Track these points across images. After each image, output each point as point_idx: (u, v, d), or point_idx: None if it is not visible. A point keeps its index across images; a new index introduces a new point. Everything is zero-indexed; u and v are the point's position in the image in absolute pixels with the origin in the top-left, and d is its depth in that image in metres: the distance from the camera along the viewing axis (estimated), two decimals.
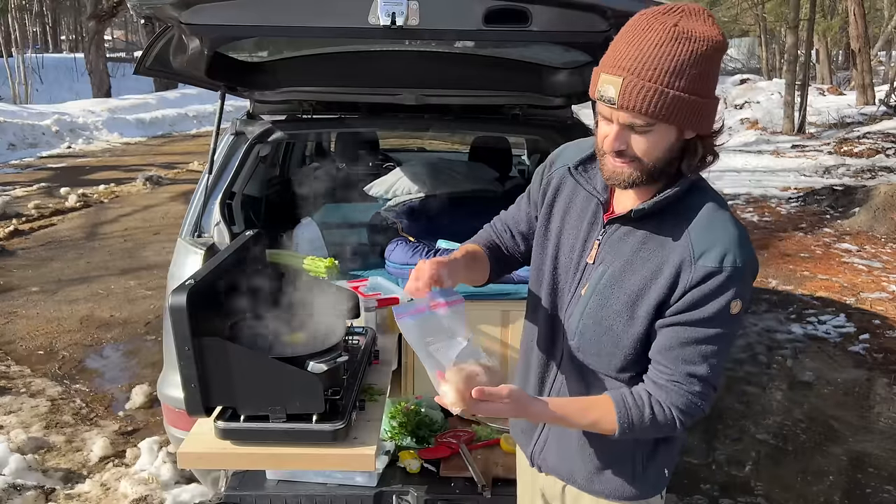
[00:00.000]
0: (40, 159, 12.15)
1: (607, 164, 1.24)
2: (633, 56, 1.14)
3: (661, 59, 1.12)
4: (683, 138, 1.21)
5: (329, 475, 2.06)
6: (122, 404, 3.81)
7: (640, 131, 1.18)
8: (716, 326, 1.23)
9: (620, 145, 1.20)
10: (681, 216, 1.26)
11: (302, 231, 2.93)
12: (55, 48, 36.12)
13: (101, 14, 18.46)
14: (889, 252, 6.80)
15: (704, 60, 1.14)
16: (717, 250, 1.21)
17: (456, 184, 3.29)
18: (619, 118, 1.18)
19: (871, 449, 3.45)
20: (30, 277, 5.90)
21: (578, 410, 1.30)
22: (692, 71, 1.13)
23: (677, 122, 1.17)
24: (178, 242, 2.54)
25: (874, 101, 16.10)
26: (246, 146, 2.76)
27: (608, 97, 1.16)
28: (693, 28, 1.13)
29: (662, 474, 1.44)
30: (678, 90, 1.13)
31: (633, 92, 1.13)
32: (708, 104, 1.18)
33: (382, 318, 2.33)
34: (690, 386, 1.26)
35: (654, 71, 1.12)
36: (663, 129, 1.18)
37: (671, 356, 1.26)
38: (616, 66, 1.15)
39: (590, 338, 1.34)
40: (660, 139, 1.19)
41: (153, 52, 2.25)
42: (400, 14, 1.86)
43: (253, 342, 1.63)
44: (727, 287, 1.21)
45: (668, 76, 1.12)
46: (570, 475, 1.46)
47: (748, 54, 35.67)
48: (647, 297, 1.26)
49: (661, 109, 1.13)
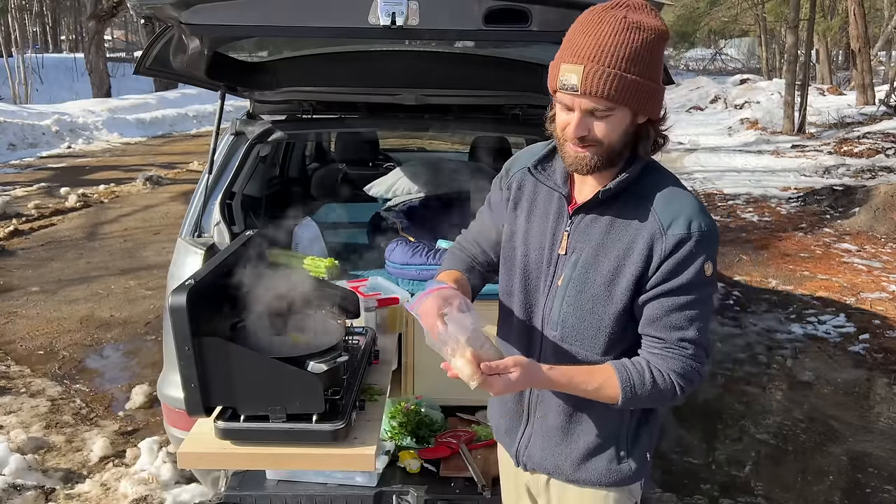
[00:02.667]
0: (40, 159, 12.15)
1: (569, 151, 1.32)
2: (591, 45, 1.22)
3: (617, 48, 1.21)
4: (636, 123, 1.30)
5: (329, 475, 2.06)
6: (122, 404, 3.81)
7: (600, 116, 1.26)
8: (695, 290, 1.31)
9: (582, 131, 1.28)
10: (641, 196, 1.34)
11: (302, 231, 2.93)
12: (55, 48, 36.11)
13: (101, 14, 18.45)
14: (889, 252, 6.80)
15: (654, 48, 1.24)
16: (684, 218, 1.30)
17: (456, 184, 3.29)
18: (581, 105, 1.26)
19: (871, 449, 3.45)
20: (30, 277, 5.90)
21: (584, 374, 1.35)
22: (645, 57, 1.23)
23: (634, 105, 1.26)
24: (178, 242, 2.54)
25: (874, 101, 16.11)
26: (246, 146, 2.76)
27: (570, 85, 1.24)
28: (641, 19, 1.24)
29: (645, 458, 1.48)
30: (634, 74, 1.23)
31: (594, 77, 1.22)
32: (658, 89, 1.29)
33: (382, 318, 2.33)
34: (683, 350, 1.33)
35: (611, 58, 1.21)
36: (620, 114, 1.27)
37: (660, 326, 1.33)
38: (576, 56, 1.24)
39: (573, 324, 1.40)
40: (617, 123, 1.27)
41: (153, 52, 2.25)
42: (400, 14, 1.86)
43: (253, 342, 1.63)
44: (699, 251, 1.29)
45: (624, 62, 1.22)
46: (555, 467, 1.49)
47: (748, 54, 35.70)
48: (623, 275, 1.34)
49: (620, 93, 1.23)
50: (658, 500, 2.97)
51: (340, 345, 1.70)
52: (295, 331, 1.76)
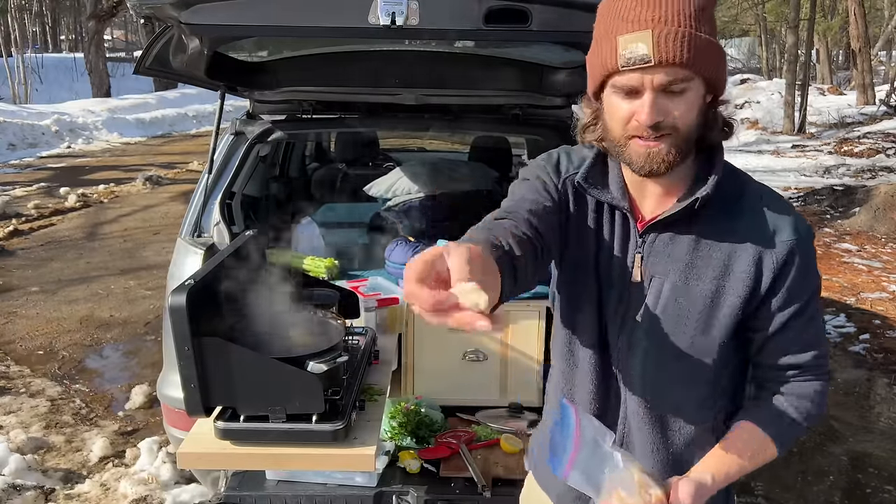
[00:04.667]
0: (40, 159, 12.15)
1: (637, 150, 1.07)
2: (654, 6, 1.02)
3: (682, 4, 1.02)
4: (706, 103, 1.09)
5: (329, 475, 2.06)
6: (122, 404, 3.81)
7: (677, 90, 1.03)
8: (817, 298, 1.14)
9: (659, 115, 1.03)
10: (728, 199, 1.13)
11: (302, 231, 2.93)
12: (55, 48, 36.13)
13: (101, 14, 18.46)
14: (889, 252, 6.80)
15: (711, 4, 1.06)
16: (788, 221, 1.12)
17: (456, 184, 3.29)
18: (655, 80, 1.02)
19: (871, 449, 3.45)
20: (29, 277, 5.90)
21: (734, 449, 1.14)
22: (708, 13, 1.04)
23: (710, 72, 1.05)
24: (178, 242, 2.54)
25: (874, 100, 16.12)
26: (246, 146, 2.76)
27: (639, 55, 1.01)
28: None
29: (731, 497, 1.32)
30: (706, 33, 1.03)
31: (669, 40, 1.00)
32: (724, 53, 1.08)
33: (382, 318, 2.33)
34: (820, 368, 1.17)
35: (680, 16, 1.01)
36: (696, 87, 1.05)
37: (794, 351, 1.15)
38: (639, 22, 1.01)
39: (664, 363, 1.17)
40: (694, 100, 1.05)
41: (153, 51, 2.25)
42: (400, 14, 1.86)
43: (253, 342, 1.63)
44: (811, 252, 1.13)
45: (693, 20, 1.01)
46: None
47: (748, 54, 35.69)
48: (724, 297, 1.12)
49: (698, 56, 1.01)
50: None
51: (340, 345, 1.70)
52: (295, 331, 1.76)
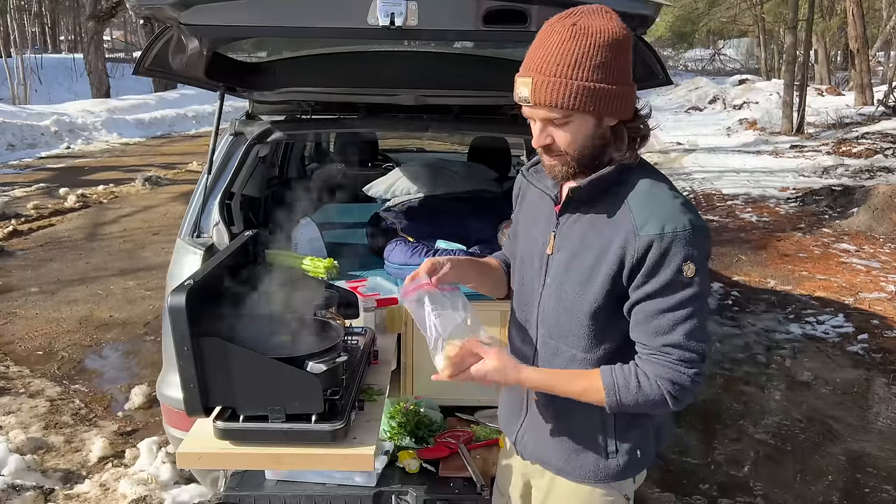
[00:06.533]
0: (39, 160, 12.15)
1: (544, 161, 1.38)
2: (540, 57, 1.27)
3: (562, 56, 1.24)
4: (605, 126, 1.31)
5: (328, 475, 2.06)
6: (122, 405, 3.81)
7: (558, 124, 1.29)
8: (675, 292, 1.28)
9: (545, 139, 1.32)
10: (621, 196, 1.34)
11: (301, 231, 2.93)
12: (54, 48, 36.07)
13: (100, 14, 18.45)
14: (887, 252, 6.81)
15: (605, 50, 1.24)
16: (658, 218, 1.28)
17: (455, 184, 3.30)
18: (538, 115, 1.30)
19: (869, 449, 3.45)
20: (29, 278, 5.89)
21: (567, 376, 1.40)
22: (593, 62, 1.24)
23: (589, 109, 1.26)
24: (178, 243, 2.54)
25: (873, 101, 16.13)
26: (245, 146, 2.76)
27: (523, 97, 1.29)
28: (591, 24, 1.25)
29: (635, 455, 1.48)
30: (581, 80, 1.24)
31: (541, 88, 1.25)
32: (619, 90, 1.27)
33: (381, 319, 2.33)
34: (668, 356, 1.30)
35: (557, 66, 1.24)
36: (580, 119, 1.28)
37: (643, 331, 1.33)
38: (526, 69, 1.29)
39: (558, 321, 1.43)
40: (578, 128, 1.29)
41: (152, 52, 2.25)
42: (399, 14, 1.86)
43: (252, 342, 1.63)
44: (675, 251, 1.26)
45: (569, 69, 1.24)
46: (547, 459, 1.52)
47: (747, 55, 35.71)
48: (598, 272, 1.34)
49: (568, 99, 1.25)
50: (657, 500, 2.98)
51: (339, 345, 1.70)
52: (294, 331, 1.76)
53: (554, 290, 1.42)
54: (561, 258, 1.41)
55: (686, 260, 1.27)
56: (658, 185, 1.35)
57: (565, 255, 1.40)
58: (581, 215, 1.39)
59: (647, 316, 1.31)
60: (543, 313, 1.46)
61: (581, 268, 1.37)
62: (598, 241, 1.35)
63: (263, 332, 1.69)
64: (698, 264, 1.28)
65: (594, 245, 1.35)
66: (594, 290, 1.35)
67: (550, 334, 1.45)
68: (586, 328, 1.38)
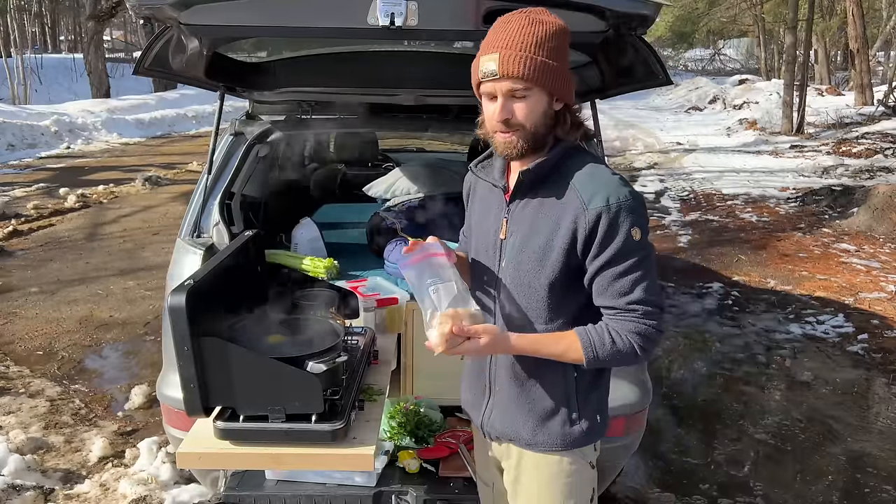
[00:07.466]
0: (39, 160, 12.14)
1: (498, 140, 1.47)
2: (504, 38, 1.41)
3: (525, 36, 1.40)
4: (553, 109, 1.45)
5: (328, 475, 2.06)
6: (122, 404, 3.81)
7: (519, 97, 1.41)
8: (629, 255, 1.42)
9: (506, 114, 1.42)
10: (566, 178, 1.48)
11: (301, 231, 2.93)
12: (54, 48, 36.07)
13: (100, 14, 18.45)
14: (887, 252, 6.81)
15: (557, 37, 1.41)
16: (602, 194, 1.42)
17: (455, 184, 3.29)
18: (502, 88, 1.41)
19: (869, 448, 3.45)
20: (29, 278, 5.89)
21: (550, 338, 1.49)
22: (550, 44, 1.40)
23: (548, 84, 1.41)
24: (178, 243, 2.54)
25: (872, 101, 16.13)
26: (245, 146, 2.76)
27: (490, 71, 1.40)
28: (542, 17, 1.43)
29: (595, 420, 1.59)
30: (543, 57, 1.39)
31: (509, 60, 1.38)
32: (568, 74, 1.45)
33: (381, 319, 2.33)
34: (634, 312, 1.44)
35: (522, 44, 1.39)
36: (537, 95, 1.42)
37: (608, 296, 1.46)
38: (490, 47, 1.42)
39: (516, 299, 1.54)
40: (536, 103, 1.43)
41: (152, 52, 2.25)
42: (399, 14, 1.86)
43: (252, 342, 1.63)
44: (622, 220, 1.41)
45: (533, 47, 1.39)
46: (515, 435, 1.60)
47: (747, 55, 35.71)
48: (552, 248, 1.47)
49: (533, 72, 1.38)
50: (657, 500, 2.98)
51: (339, 345, 1.70)
52: (294, 331, 1.76)
53: (511, 272, 1.53)
54: (514, 241, 1.52)
55: (633, 226, 1.41)
56: (597, 166, 1.49)
57: (518, 238, 1.52)
58: (530, 199, 1.52)
59: (609, 280, 1.44)
60: (503, 295, 1.56)
61: (535, 246, 1.48)
62: (548, 220, 1.47)
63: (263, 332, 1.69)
64: (643, 229, 1.43)
65: (546, 224, 1.48)
66: (550, 264, 1.47)
67: (511, 313, 1.55)
68: (544, 301, 1.50)
